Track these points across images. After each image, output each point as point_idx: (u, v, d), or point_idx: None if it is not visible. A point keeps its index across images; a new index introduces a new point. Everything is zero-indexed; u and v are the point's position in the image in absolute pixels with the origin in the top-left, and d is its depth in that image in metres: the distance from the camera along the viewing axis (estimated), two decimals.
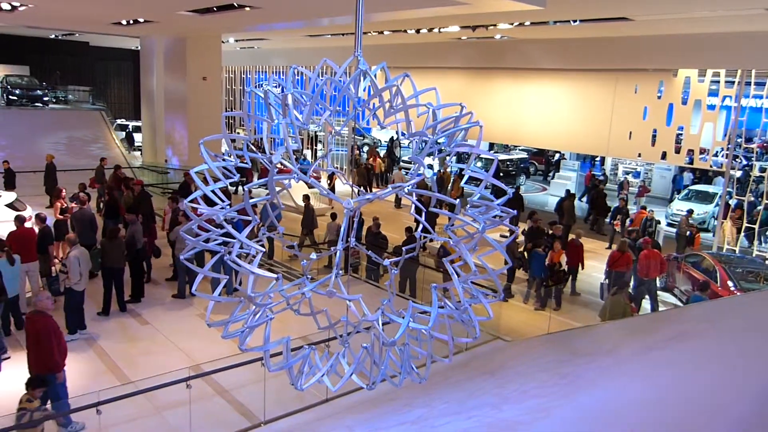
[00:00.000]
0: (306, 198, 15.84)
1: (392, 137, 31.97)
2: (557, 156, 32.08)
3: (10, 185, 17.51)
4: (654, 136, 18.42)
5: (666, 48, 16.86)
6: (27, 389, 6.74)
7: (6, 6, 15.27)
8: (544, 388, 5.44)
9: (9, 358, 9.11)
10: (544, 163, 32.38)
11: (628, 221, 18.09)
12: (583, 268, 14.00)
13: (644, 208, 19.41)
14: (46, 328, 7.38)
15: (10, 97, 27.42)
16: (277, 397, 8.24)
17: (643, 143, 18.50)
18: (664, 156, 18.55)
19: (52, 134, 24.27)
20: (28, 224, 11.35)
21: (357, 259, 13.60)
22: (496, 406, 5.46)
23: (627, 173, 29.15)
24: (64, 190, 14.23)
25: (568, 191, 19.39)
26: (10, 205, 13.10)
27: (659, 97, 18.16)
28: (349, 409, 7.78)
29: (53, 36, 30.96)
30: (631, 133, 18.73)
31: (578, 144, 21.75)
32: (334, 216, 15.29)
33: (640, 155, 19.18)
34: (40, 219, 11.52)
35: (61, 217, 13.45)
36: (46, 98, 28.37)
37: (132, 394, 7.68)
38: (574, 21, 14.60)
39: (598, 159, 34.66)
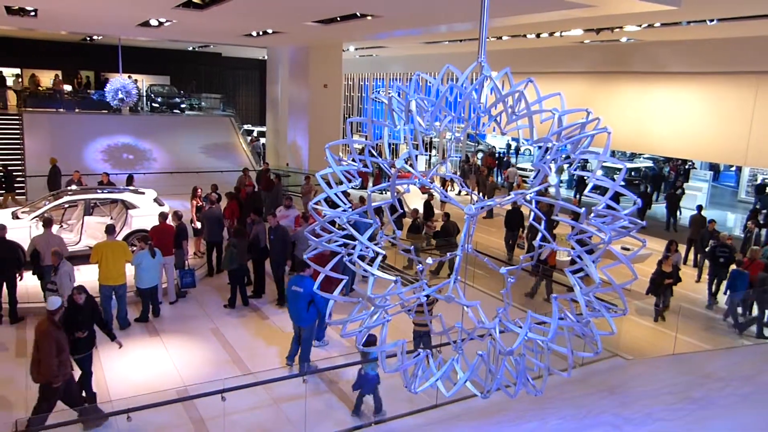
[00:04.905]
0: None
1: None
2: (687, 165, 29.97)
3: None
4: None
5: None
6: None
7: (154, 22, 16.87)
8: (671, 411, 5.08)
9: None
10: (674, 173, 30.37)
11: None
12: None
13: None
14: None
15: (153, 104, 30.03)
16: (387, 399, 8.35)
17: None
18: None
19: (188, 138, 26.21)
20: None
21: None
22: (617, 426, 5.18)
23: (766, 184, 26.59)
24: (200, 190, 15.07)
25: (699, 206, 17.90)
26: (156, 201, 14.29)
27: None
28: (459, 417, 7.72)
29: (190, 48, 33.58)
30: None
31: (712, 152, 20.18)
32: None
33: None
34: (177, 216, 12.48)
35: (197, 215, 14.48)
36: (183, 105, 30.76)
37: (252, 385, 8.12)
38: (711, 20, 13.58)
39: (733, 168, 32.09)
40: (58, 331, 7.13)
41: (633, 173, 26.47)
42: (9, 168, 18.80)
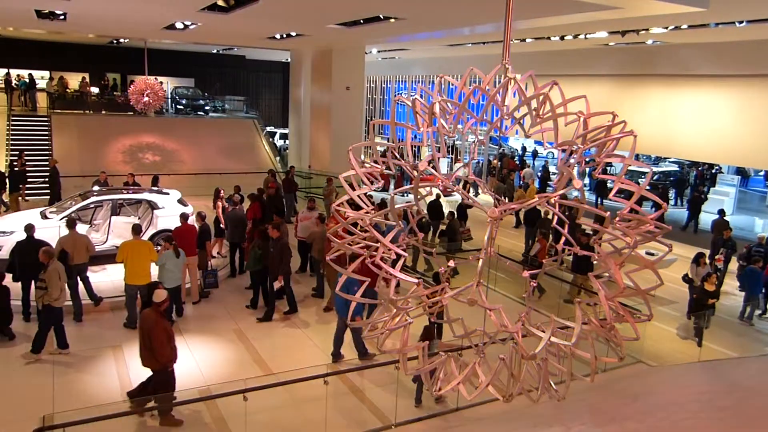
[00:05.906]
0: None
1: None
2: (714, 169, 29.52)
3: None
4: None
5: None
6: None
7: (180, 25, 17.11)
8: (697, 420, 4.99)
9: None
10: (699, 177, 29.92)
11: None
12: None
13: None
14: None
15: (178, 106, 30.42)
16: (408, 401, 8.33)
17: None
18: None
19: (212, 140, 26.51)
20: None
21: None
22: None
23: None
24: (222, 191, 15.20)
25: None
26: (180, 201, 14.46)
27: None
28: (479, 421, 7.68)
29: (215, 51, 33.95)
30: None
31: (740, 156, 19.79)
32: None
33: None
34: (201, 217, 12.60)
35: (222, 216, 14.59)
36: (207, 107, 31.11)
37: (274, 385, 8.16)
38: (740, 22, 13.34)
39: (762, 173, 31.54)
40: (164, 321, 7.69)
41: (656, 177, 26.14)
42: (16, 169, 18.62)
